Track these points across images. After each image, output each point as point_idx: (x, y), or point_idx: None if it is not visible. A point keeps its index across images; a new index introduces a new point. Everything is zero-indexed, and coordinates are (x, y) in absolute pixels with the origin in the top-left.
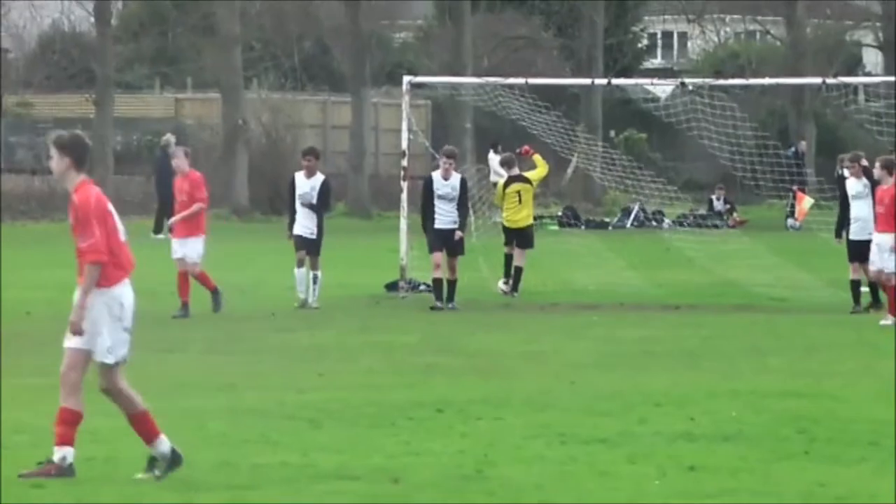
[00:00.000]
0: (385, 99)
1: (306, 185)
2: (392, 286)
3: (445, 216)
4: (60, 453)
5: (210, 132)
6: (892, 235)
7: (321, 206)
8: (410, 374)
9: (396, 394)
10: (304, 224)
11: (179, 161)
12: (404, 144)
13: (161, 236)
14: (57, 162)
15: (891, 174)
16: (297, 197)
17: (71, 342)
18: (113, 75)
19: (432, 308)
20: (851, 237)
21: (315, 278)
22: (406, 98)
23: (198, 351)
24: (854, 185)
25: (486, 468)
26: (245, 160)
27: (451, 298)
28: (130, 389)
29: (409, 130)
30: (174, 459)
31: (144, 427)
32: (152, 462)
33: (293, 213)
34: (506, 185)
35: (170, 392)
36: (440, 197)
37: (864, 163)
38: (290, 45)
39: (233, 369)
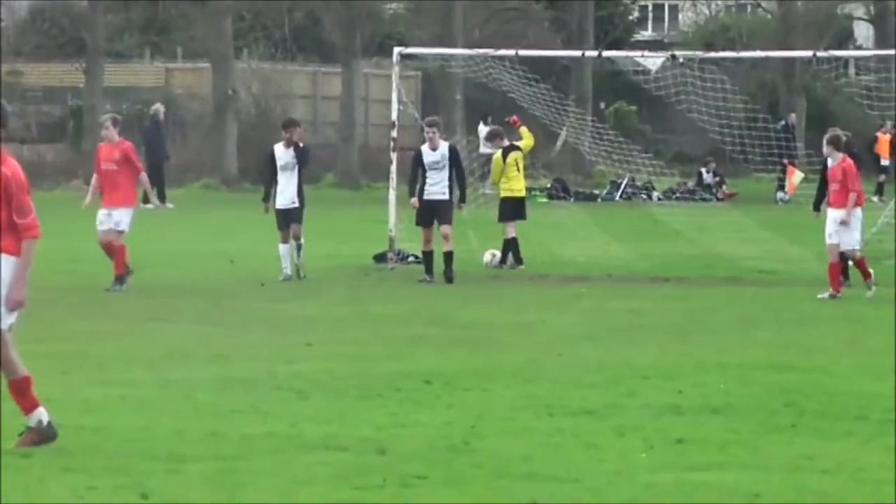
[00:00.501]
0: (375, 70)
1: (286, 154)
2: (380, 257)
3: (434, 186)
4: (35, 418)
5: (200, 102)
6: (843, 211)
7: (300, 170)
8: (398, 345)
9: (384, 365)
10: (286, 193)
11: (108, 131)
12: (394, 115)
13: (150, 206)
14: None
15: (838, 149)
16: (278, 168)
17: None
18: (103, 44)
19: (420, 281)
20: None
21: (299, 247)
22: (396, 69)
23: (187, 321)
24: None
25: (473, 440)
26: (234, 130)
27: (447, 271)
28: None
29: (399, 101)
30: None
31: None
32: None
33: (269, 184)
34: (504, 155)
35: (159, 362)
36: (430, 167)
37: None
38: (281, 16)
39: (222, 339)
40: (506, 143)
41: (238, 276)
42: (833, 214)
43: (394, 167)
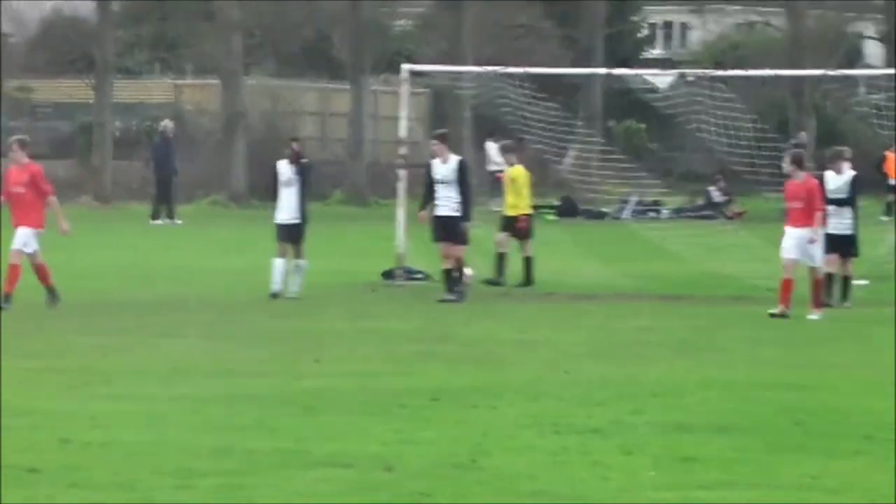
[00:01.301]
0: (384, 87)
1: (289, 170)
2: (388, 274)
3: (443, 202)
4: None
5: (209, 118)
6: (809, 230)
7: (303, 186)
8: (406, 361)
9: (391, 381)
10: (287, 208)
11: (15, 153)
12: (402, 132)
13: (159, 222)
14: None
15: (801, 168)
16: (280, 184)
17: None
18: (113, 60)
19: (442, 301)
20: (829, 231)
21: (298, 267)
22: (405, 86)
23: (195, 336)
24: (833, 180)
25: (479, 457)
26: (243, 147)
27: (448, 289)
28: None
29: (408, 119)
30: None
31: None
32: None
33: (276, 200)
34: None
35: (167, 377)
36: (439, 182)
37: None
38: (290, 32)
39: (230, 355)
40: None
41: (245, 292)
42: (792, 232)
43: (402, 184)
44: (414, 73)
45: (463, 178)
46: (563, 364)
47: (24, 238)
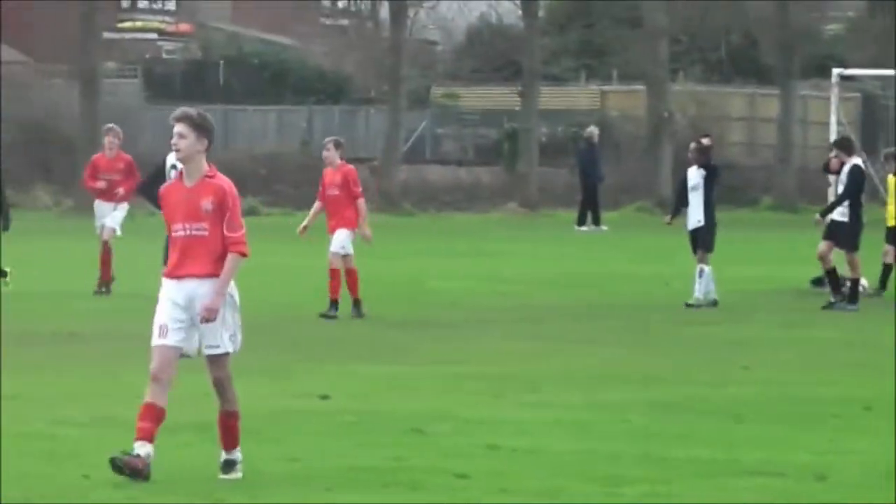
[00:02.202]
0: (813, 91)
1: (696, 175)
2: (818, 281)
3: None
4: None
5: (635, 124)
6: None
7: (708, 190)
8: (835, 370)
9: (820, 390)
10: (693, 213)
11: (330, 154)
12: (832, 138)
13: (584, 228)
14: (194, 142)
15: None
16: (689, 189)
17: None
18: (539, 67)
19: (825, 307)
20: None
21: (702, 272)
22: (835, 91)
23: (619, 343)
24: None
25: None
26: (670, 152)
27: (849, 299)
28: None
29: (838, 124)
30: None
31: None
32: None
33: (676, 204)
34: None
35: (592, 384)
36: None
37: None
38: (717, 38)
39: (654, 362)
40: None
41: (671, 299)
42: None
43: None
44: (844, 78)
45: (847, 184)
46: None
47: (341, 241)
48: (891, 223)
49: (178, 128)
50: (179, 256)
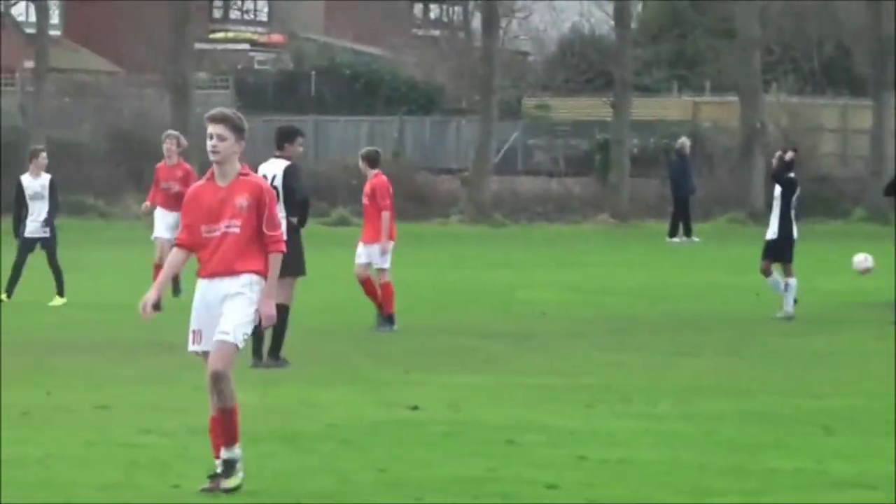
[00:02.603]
0: None
1: (776, 187)
2: None
3: None
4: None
5: (727, 135)
6: None
7: (783, 203)
8: None
9: None
10: (770, 224)
11: (363, 165)
12: None
13: (676, 240)
14: (233, 144)
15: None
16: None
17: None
18: (631, 78)
19: None
20: None
21: (787, 286)
22: None
23: (711, 354)
24: None
25: None
26: (762, 164)
27: None
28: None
29: None
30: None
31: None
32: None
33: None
34: None
35: (683, 395)
36: None
37: None
38: (810, 48)
39: (746, 373)
40: None
41: (762, 310)
42: None
43: None
44: None
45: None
46: None
47: (370, 254)
48: None
49: (217, 129)
50: (211, 254)
